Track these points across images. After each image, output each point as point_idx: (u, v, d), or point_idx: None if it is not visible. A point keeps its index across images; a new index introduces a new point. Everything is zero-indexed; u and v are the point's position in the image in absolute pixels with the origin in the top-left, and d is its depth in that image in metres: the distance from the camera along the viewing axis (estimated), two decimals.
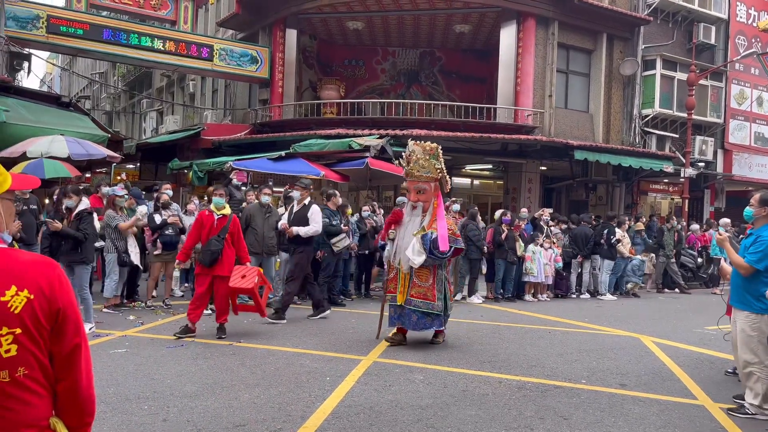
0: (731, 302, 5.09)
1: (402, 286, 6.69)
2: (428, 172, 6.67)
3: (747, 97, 20.80)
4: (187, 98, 24.43)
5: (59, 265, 1.70)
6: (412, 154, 6.65)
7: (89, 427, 1.77)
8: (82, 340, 1.70)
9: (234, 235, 7.11)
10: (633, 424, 4.54)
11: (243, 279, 7.07)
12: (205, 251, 6.90)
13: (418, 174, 6.68)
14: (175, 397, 4.72)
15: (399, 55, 20.47)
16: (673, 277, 14.01)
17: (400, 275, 6.74)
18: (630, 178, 18.41)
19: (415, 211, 6.76)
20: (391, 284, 6.93)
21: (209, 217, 7.08)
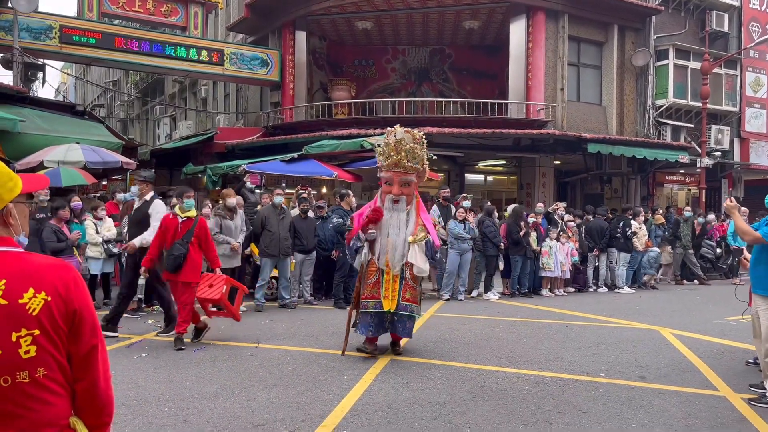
0: (753, 290, 5.02)
1: (391, 290, 6.01)
2: (417, 162, 6.08)
3: (762, 85, 20.50)
4: (200, 103, 24.62)
5: (74, 268, 1.73)
6: (400, 142, 5.97)
7: (108, 426, 1.80)
8: (99, 341, 1.73)
9: (201, 239, 6.72)
10: (653, 417, 4.51)
11: (210, 288, 6.72)
12: (168, 256, 6.52)
13: (407, 165, 6.02)
14: (194, 399, 4.76)
15: (409, 54, 20.46)
16: (691, 269, 13.85)
17: (384, 278, 6.04)
18: (645, 169, 18.23)
19: (396, 206, 6.12)
20: (372, 289, 6.09)
21: (173, 221, 6.68)
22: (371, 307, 6.06)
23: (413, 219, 6.15)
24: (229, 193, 8.84)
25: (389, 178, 6.13)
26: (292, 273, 9.52)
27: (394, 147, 5.97)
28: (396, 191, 6.09)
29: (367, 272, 6.17)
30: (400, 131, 5.99)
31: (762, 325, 4.81)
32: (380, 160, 6.17)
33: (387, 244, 6.06)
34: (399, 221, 6.10)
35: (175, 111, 27.44)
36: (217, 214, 8.67)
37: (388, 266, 6.03)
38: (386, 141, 6.05)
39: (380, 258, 6.09)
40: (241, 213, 8.85)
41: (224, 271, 8.36)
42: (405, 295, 6.05)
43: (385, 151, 6.07)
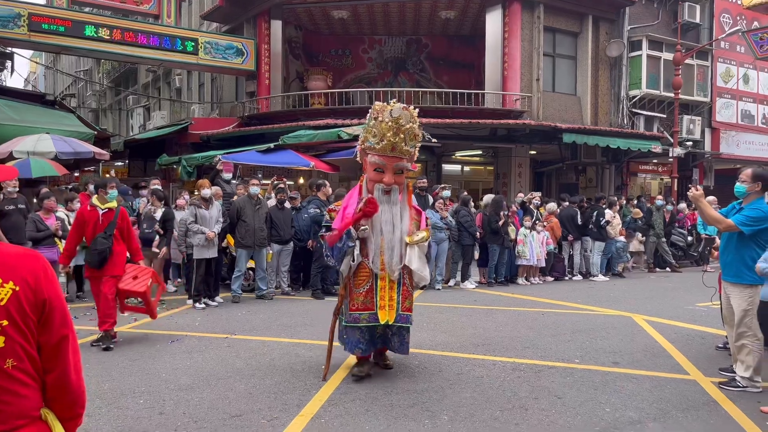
0: (724, 277, 5.11)
1: (388, 299, 5.00)
2: (414, 146, 5.09)
3: (733, 75, 20.87)
4: (174, 93, 24.27)
5: (43, 257, 1.70)
6: (397, 121, 4.85)
7: (80, 418, 1.78)
8: (70, 331, 1.70)
9: (123, 231, 6.36)
10: (626, 401, 4.59)
11: (135, 281, 6.33)
12: (92, 251, 6.13)
13: (405, 149, 4.98)
14: (170, 391, 4.73)
15: (385, 44, 20.38)
16: (663, 257, 14.10)
17: (379, 285, 4.99)
18: (619, 159, 18.47)
19: (389, 198, 5.07)
20: (365, 298, 4.99)
21: (92, 213, 6.26)
22: (364, 320, 4.97)
23: (407, 213, 5.16)
24: (203, 183, 8.74)
25: (381, 164, 4.99)
26: (269, 264, 9.47)
27: (391, 127, 4.85)
28: (389, 180, 5.02)
29: (357, 278, 5.04)
30: (397, 108, 4.87)
31: (735, 311, 4.90)
32: (369, 142, 5.01)
33: (381, 243, 5.00)
34: (393, 216, 5.04)
35: (148, 101, 27.02)
36: (192, 204, 8.57)
37: (384, 270, 4.98)
38: (379, 118, 4.90)
39: (374, 260, 4.99)
40: (217, 204, 8.76)
41: (199, 261, 8.35)
42: (405, 304, 5.09)
43: (378, 132, 4.91)
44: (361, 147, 5.21)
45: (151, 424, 4.04)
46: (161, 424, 4.04)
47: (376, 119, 4.95)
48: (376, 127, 4.95)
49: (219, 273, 9.18)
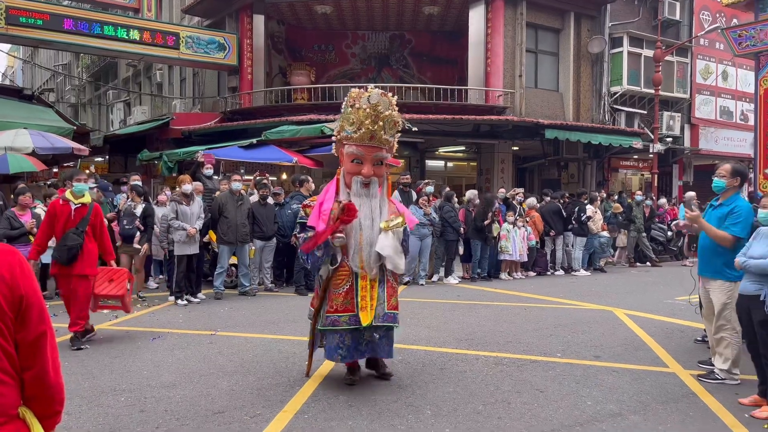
0: (701, 273, 5.16)
1: (369, 299, 4.62)
2: (394, 135, 4.77)
3: (712, 72, 21.13)
4: (155, 88, 24.00)
5: (19, 252, 1.67)
6: (376, 108, 4.53)
7: (59, 416, 1.75)
8: (48, 328, 1.67)
9: (96, 228, 6.13)
10: (607, 394, 4.65)
11: (111, 284, 6.17)
12: (62, 247, 5.89)
13: (384, 138, 4.65)
14: (151, 388, 4.69)
15: (369, 39, 20.32)
16: (644, 251, 14.27)
17: (359, 284, 4.62)
18: (601, 155, 18.63)
19: (367, 191, 4.71)
20: (345, 300, 4.62)
21: (64, 207, 6.04)
22: (344, 323, 4.59)
23: (387, 207, 4.81)
24: (184, 178, 8.67)
25: (359, 154, 4.66)
26: (251, 260, 9.42)
27: (369, 114, 4.52)
28: (367, 171, 4.67)
29: (336, 277, 4.67)
30: (375, 93, 4.56)
31: (715, 305, 4.96)
32: (346, 131, 4.67)
33: (360, 239, 4.64)
34: (371, 210, 4.69)
35: (129, 96, 26.70)
36: (173, 200, 8.50)
37: (363, 267, 4.63)
38: (356, 105, 4.58)
39: (354, 258, 4.63)
40: (198, 200, 8.70)
41: (181, 258, 8.28)
42: (391, 302, 4.73)
43: (355, 119, 4.58)
44: (337, 137, 4.83)
45: (132, 421, 4.00)
46: (142, 421, 4.01)
47: (353, 107, 4.59)
48: (354, 114, 4.58)
49: (201, 269, 9.12)
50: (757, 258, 4.30)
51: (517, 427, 3.97)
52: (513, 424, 4.02)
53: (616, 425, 4.02)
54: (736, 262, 4.48)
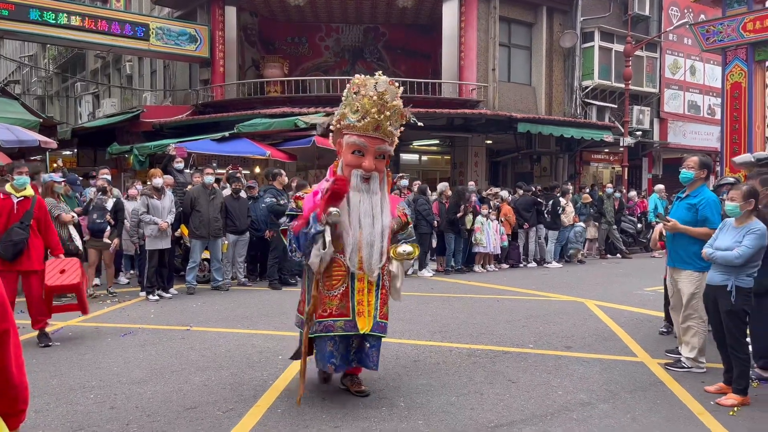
0: (671, 264, 5.26)
1: (366, 304, 4.22)
2: (397, 128, 4.40)
3: (680, 67, 21.51)
4: (125, 80, 23.58)
5: None
6: (383, 97, 4.15)
7: (23, 414, 1.72)
8: (10, 325, 1.64)
9: (41, 222, 5.90)
10: (577, 384, 4.72)
11: (63, 275, 5.91)
12: (6, 242, 5.65)
13: (390, 130, 4.29)
14: (122, 385, 4.62)
15: (342, 32, 20.23)
16: (615, 243, 14.50)
17: (356, 287, 4.22)
18: (572, 148, 18.87)
19: (367, 186, 4.27)
20: (340, 302, 4.19)
21: (5, 202, 5.78)
22: (339, 328, 4.16)
23: (388, 204, 4.38)
24: (155, 172, 8.55)
25: (362, 145, 4.22)
26: (224, 254, 9.34)
27: (375, 102, 4.14)
28: (369, 164, 4.23)
29: (331, 278, 4.20)
30: (383, 81, 4.18)
31: (683, 295, 5.07)
32: (349, 119, 4.25)
33: (359, 238, 4.19)
34: (372, 207, 4.24)
35: (97, 88, 26.17)
36: (144, 194, 8.37)
37: (362, 269, 4.20)
38: (361, 93, 4.18)
39: (351, 257, 4.19)
40: (170, 193, 8.58)
41: (152, 252, 8.17)
42: (383, 310, 4.33)
43: (360, 107, 4.17)
44: (336, 126, 4.38)
45: (101, 418, 3.95)
46: (112, 418, 3.95)
47: (357, 93, 4.20)
48: (358, 101, 4.18)
49: (173, 264, 9.01)
50: (723, 250, 4.40)
51: (489, 417, 4.01)
52: (485, 414, 4.06)
53: (586, 414, 4.09)
54: (703, 254, 4.57)
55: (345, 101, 4.32)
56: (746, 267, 4.34)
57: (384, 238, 4.27)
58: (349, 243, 4.20)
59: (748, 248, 4.28)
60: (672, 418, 4.03)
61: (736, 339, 4.38)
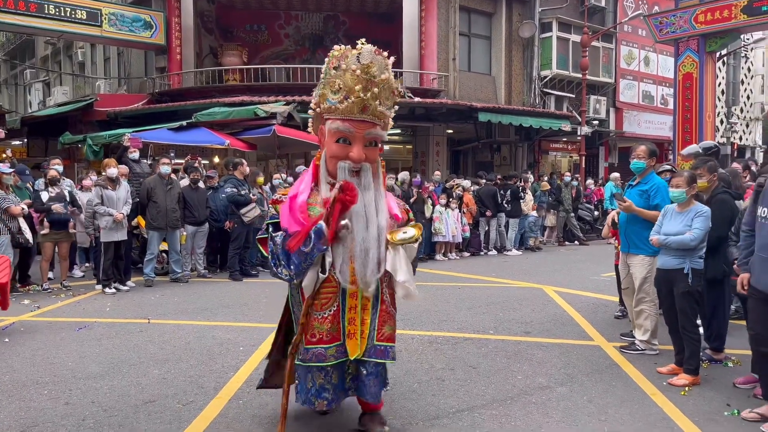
0: (623, 249, 5.41)
1: (359, 323, 3.40)
2: (390, 107, 3.52)
3: (635, 58, 21.99)
4: (77, 67, 22.85)
5: None
6: (368, 70, 3.28)
7: None
8: None
9: None
10: (536, 368, 4.82)
11: None
12: None
13: (380, 110, 3.40)
14: (77, 380, 4.51)
15: (302, 20, 20.00)
16: (572, 231, 14.80)
17: (348, 304, 3.40)
18: (531, 137, 19.13)
19: (357, 181, 3.38)
20: (332, 325, 3.36)
21: None
22: (332, 356, 3.34)
23: (384, 202, 3.51)
24: (109, 162, 8.32)
25: (347, 131, 3.37)
26: (183, 246, 9.18)
27: (360, 78, 3.28)
28: (358, 154, 3.37)
29: (321, 296, 3.37)
30: (368, 51, 3.36)
31: (636, 279, 5.22)
32: (329, 100, 3.39)
33: (350, 246, 3.34)
34: (365, 206, 3.37)
35: (48, 75, 25.30)
36: (98, 185, 8.15)
37: (355, 283, 3.35)
38: (342, 67, 3.33)
39: (343, 269, 3.34)
40: (125, 184, 8.37)
41: (108, 244, 7.97)
42: (383, 330, 3.44)
43: (342, 85, 3.32)
44: (316, 110, 3.55)
45: (56, 415, 3.84)
46: (68, 414, 3.86)
47: (337, 69, 3.35)
48: (339, 78, 3.33)
49: (129, 256, 8.82)
50: (674, 234, 4.53)
51: (450, 403, 4.06)
52: (446, 400, 4.10)
53: (545, 397, 4.18)
54: (654, 240, 4.69)
55: (323, 79, 3.49)
56: (698, 249, 4.51)
57: (381, 243, 3.39)
58: (339, 253, 3.33)
59: (701, 230, 4.45)
60: (626, 399, 4.15)
61: (689, 320, 4.54)
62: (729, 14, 13.66)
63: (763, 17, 13.29)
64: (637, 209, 5.17)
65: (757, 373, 4.07)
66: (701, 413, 3.90)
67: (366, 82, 3.32)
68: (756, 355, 3.95)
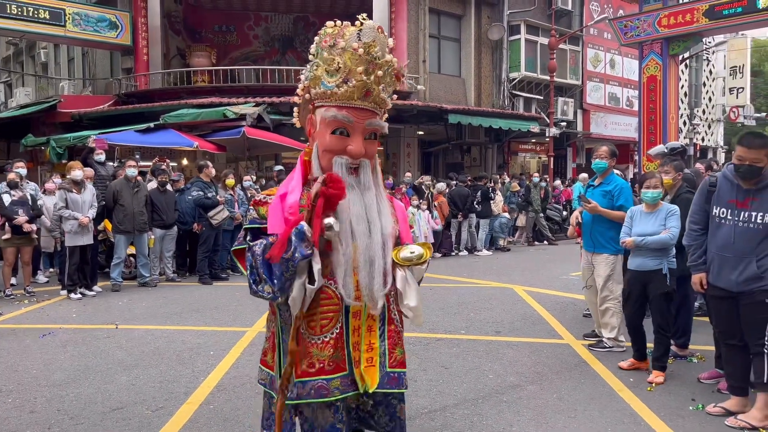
0: (587, 248, 5.51)
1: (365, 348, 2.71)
2: (391, 94, 2.93)
3: (601, 60, 22.41)
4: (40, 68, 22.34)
5: None
6: (370, 49, 2.68)
7: None
8: None
9: None
10: (507, 367, 4.87)
11: None
12: None
13: (382, 96, 2.83)
14: (42, 387, 4.40)
15: (272, 21, 19.90)
16: (541, 231, 15.00)
17: (351, 324, 2.67)
18: (501, 139, 19.34)
19: (356, 179, 2.75)
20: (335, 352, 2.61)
21: None
22: (336, 389, 2.60)
23: (386, 204, 2.86)
24: (74, 165, 8.14)
25: (345, 121, 2.71)
26: (151, 249, 9.03)
27: (362, 58, 2.68)
28: (357, 148, 2.71)
29: (320, 315, 2.63)
30: (369, 27, 2.72)
31: (600, 278, 5.31)
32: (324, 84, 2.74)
33: (354, 254, 2.65)
34: (366, 208, 2.74)
35: (9, 76, 24.66)
36: (62, 188, 7.97)
37: (359, 298, 2.64)
38: (339, 46, 2.70)
39: (346, 283, 2.63)
40: (90, 187, 8.21)
41: (73, 249, 7.80)
42: (394, 354, 2.75)
43: (342, 66, 2.69)
44: (305, 96, 2.85)
45: (21, 423, 3.75)
46: (33, 422, 3.76)
47: (333, 47, 2.72)
48: (337, 57, 2.70)
49: (96, 260, 8.64)
50: (650, 235, 4.58)
51: (422, 403, 4.07)
52: (419, 400, 4.12)
53: (516, 396, 4.22)
54: (628, 242, 4.71)
55: (316, 59, 2.84)
56: (671, 249, 4.60)
57: (387, 251, 2.74)
58: (341, 262, 2.62)
59: (677, 228, 4.53)
60: (595, 396, 4.22)
61: (666, 319, 4.62)
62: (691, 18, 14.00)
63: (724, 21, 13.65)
64: (602, 210, 5.27)
65: (723, 367, 4.18)
66: (667, 408, 3.99)
67: (369, 63, 2.72)
68: (723, 348, 4.05)
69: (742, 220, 3.71)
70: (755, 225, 3.65)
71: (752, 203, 3.68)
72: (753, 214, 3.66)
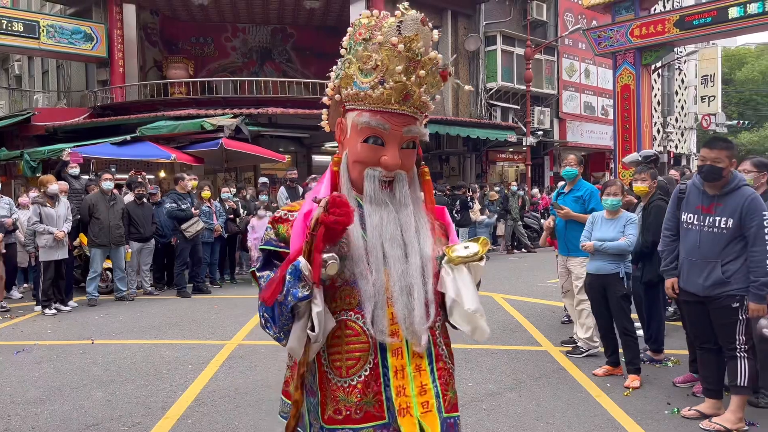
0: (563, 252, 5.63)
1: (419, 392, 2.00)
2: (434, 96, 2.26)
3: (576, 70, 22.74)
4: (13, 81, 22.04)
5: None
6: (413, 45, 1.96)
7: None
8: None
9: None
10: (486, 375, 4.90)
11: None
12: None
13: (424, 99, 2.14)
14: (16, 405, 4.33)
15: (249, 32, 19.88)
16: (520, 239, 15.12)
17: (391, 365, 1.97)
18: (479, 148, 19.51)
19: (390, 195, 2.07)
20: (364, 396, 1.95)
21: None
22: None
23: (426, 223, 2.19)
24: (48, 179, 8.03)
25: (381, 128, 2.08)
26: (129, 263, 8.93)
27: (403, 56, 2.00)
28: (393, 160, 2.08)
29: (346, 353, 2.01)
30: (412, 18, 2.01)
31: (576, 280, 5.42)
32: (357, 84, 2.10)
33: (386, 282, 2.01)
34: (402, 228, 2.10)
35: None
36: (36, 202, 7.86)
37: (399, 335, 1.98)
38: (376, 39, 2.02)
39: (377, 317, 1.96)
40: (65, 201, 8.10)
41: (47, 264, 7.69)
42: (447, 397, 2.09)
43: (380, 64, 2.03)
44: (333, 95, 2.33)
45: None
46: None
47: (368, 41, 2.14)
48: (373, 53, 2.10)
49: (71, 275, 8.52)
50: (610, 241, 4.71)
51: None
52: None
53: (495, 403, 4.25)
54: (587, 246, 4.82)
55: (349, 55, 2.26)
56: (627, 255, 4.77)
57: (428, 277, 2.17)
58: (369, 294, 2.09)
59: (634, 236, 4.72)
60: (573, 402, 4.26)
61: (629, 319, 4.75)
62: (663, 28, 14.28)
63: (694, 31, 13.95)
64: (575, 215, 5.45)
65: (698, 370, 4.25)
66: (644, 413, 4.04)
67: (410, 61, 2.16)
68: (697, 352, 4.12)
69: (708, 224, 3.80)
70: (719, 229, 3.74)
71: (716, 208, 3.77)
72: (717, 219, 3.76)
